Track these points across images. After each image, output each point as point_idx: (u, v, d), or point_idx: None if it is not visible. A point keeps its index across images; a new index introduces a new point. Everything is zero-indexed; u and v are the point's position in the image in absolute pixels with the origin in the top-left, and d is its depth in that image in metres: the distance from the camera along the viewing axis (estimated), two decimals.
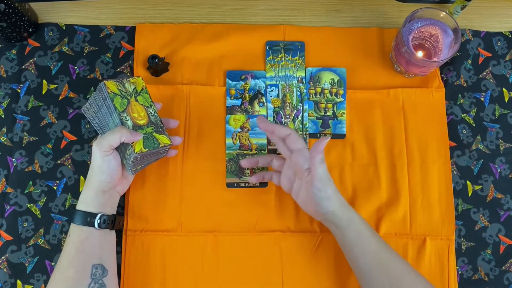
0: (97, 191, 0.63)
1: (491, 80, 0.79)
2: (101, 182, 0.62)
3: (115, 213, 0.65)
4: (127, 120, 0.63)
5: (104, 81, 0.63)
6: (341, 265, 0.70)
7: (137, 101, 0.65)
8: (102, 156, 0.61)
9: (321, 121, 0.76)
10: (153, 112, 0.67)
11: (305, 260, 0.70)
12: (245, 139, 0.75)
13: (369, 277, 0.61)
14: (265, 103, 0.77)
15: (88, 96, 0.76)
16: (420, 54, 0.74)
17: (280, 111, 0.76)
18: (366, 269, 0.61)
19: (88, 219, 0.61)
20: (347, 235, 0.63)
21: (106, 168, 0.62)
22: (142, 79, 0.67)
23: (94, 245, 0.62)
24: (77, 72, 0.77)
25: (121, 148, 0.64)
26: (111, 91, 0.63)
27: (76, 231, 0.61)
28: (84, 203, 0.62)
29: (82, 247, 0.61)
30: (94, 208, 0.62)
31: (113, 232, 0.65)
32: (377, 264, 0.61)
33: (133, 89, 0.65)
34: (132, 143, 0.62)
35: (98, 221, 0.62)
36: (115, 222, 0.65)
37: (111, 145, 0.61)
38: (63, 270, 0.60)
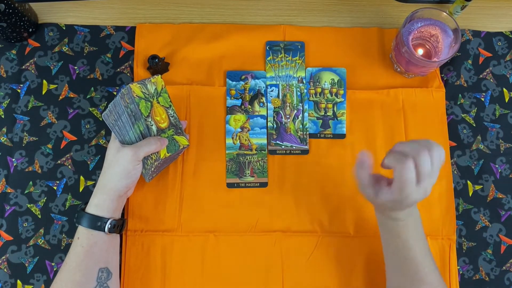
0: (113, 196, 0.63)
1: (491, 80, 0.79)
2: (122, 187, 0.62)
3: (120, 217, 0.65)
4: (152, 125, 0.63)
5: (129, 84, 0.62)
6: (341, 265, 0.70)
7: (158, 102, 0.65)
8: (134, 165, 0.62)
9: (321, 121, 0.76)
10: (172, 112, 0.67)
11: (305, 260, 0.70)
12: (245, 139, 0.75)
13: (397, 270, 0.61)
14: (265, 103, 0.76)
15: (88, 96, 0.76)
16: (420, 54, 0.74)
17: (280, 111, 0.76)
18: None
19: (98, 223, 0.61)
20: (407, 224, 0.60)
21: (133, 175, 0.63)
22: (161, 78, 0.66)
23: (102, 250, 0.62)
24: (77, 72, 0.77)
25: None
26: (136, 95, 0.62)
27: (86, 235, 0.61)
28: (97, 207, 0.62)
29: (91, 251, 0.61)
30: (107, 212, 0.62)
31: (118, 235, 0.65)
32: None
33: (154, 89, 0.65)
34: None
35: (109, 226, 0.61)
36: (123, 226, 0.65)
37: (146, 155, 0.63)
38: (70, 273, 0.60)
